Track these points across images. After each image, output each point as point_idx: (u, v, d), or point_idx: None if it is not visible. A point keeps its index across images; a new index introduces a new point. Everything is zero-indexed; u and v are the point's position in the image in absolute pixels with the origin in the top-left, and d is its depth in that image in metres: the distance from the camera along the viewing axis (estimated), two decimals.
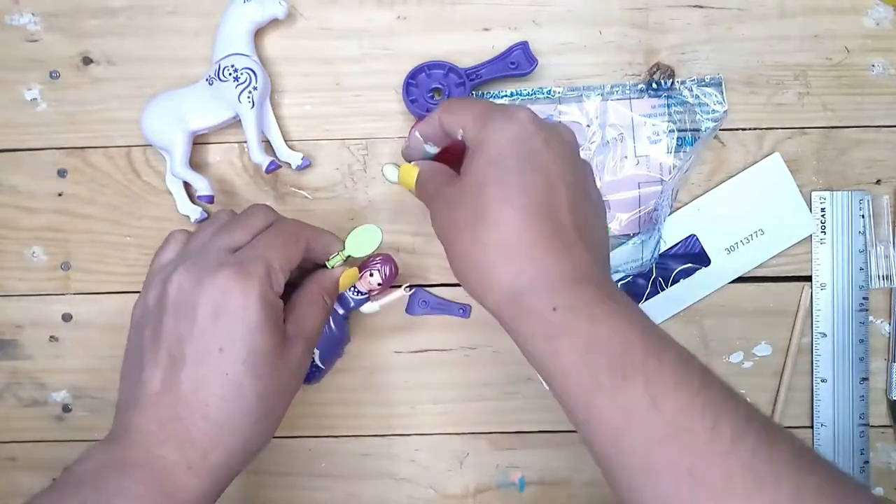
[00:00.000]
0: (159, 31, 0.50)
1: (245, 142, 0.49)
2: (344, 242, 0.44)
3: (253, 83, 0.47)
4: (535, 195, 0.35)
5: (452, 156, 0.42)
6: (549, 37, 0.50)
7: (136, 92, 0.50)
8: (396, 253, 0.50)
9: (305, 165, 0.49)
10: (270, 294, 0.38)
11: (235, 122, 0.48)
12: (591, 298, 0.33)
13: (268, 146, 0.49)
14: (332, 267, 0.44)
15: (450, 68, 0.48)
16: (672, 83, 0.49)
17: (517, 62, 0.48)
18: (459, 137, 0.39)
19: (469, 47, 0.49)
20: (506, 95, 0.49)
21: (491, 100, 0.49)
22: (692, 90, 0.49)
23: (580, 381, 0.32)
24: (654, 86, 0.49)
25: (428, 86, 0.48)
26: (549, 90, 0.49)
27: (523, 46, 0.48)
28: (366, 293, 0.47)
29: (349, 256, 0.44)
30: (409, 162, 0.42)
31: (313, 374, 0.49)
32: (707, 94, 0.49)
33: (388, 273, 0.46)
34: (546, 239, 0.34)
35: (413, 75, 0.48)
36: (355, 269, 0.45)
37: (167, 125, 0.47)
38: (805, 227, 0.50)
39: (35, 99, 0.50)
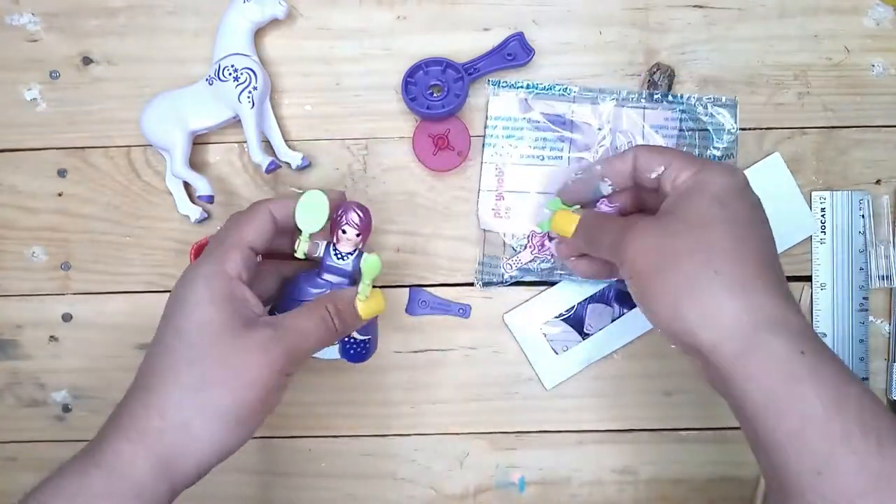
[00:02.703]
0: (159, 31, 0.50)
1: (245, 142, 0.49)
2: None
3: (253, 83, 0.47)
4: (762, 242, 0.35)
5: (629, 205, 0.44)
6: (549, 37, 0.50)
7: (136, 92, 0.50)
8: (397, 252, 0.50)
9: (305, 165, 0.49)
10: (219, 270, 0.37)
11: (235, 122, 0.48)
12: (832, 355, 0.33)
13: (268, 146, 0.49)
14: (302, 254, 0.41)
15: (447, 64, 0.48)
16: (671, 85, 0.49)
17: (514, 53, 0.48)
18: (653, 177, 0.39)
19: (469, 47, 0.49)
20: (521, 87, 0.49)
21: (502, 91, 0.49)
22: (707, 108, 0.49)
23: (825, 431, 0.31)
24: (654, 88, 0.49)
25: (426, 83, 0.48)
26: (566, 87, 0.49)
27: (519, 37, 0.48)
28: (353, 251, 0.42)
29: (310, 235, 0.41)
30: (564, 200, 0.44)
31: (357, 351, 0.43)
32: (720, 115, 0.49)
33: (358, 220, 0.41)
34: (778, 284, 0.34)
35: (411, 73, 0.48)
36: (379, 296, 0.40)
37: (167, 125, 0.47)
38: (805, 227, 0.50)
39: (35, 99, 0.50)
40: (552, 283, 0.50)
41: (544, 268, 0.50)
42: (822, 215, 0.50)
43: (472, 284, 0.50)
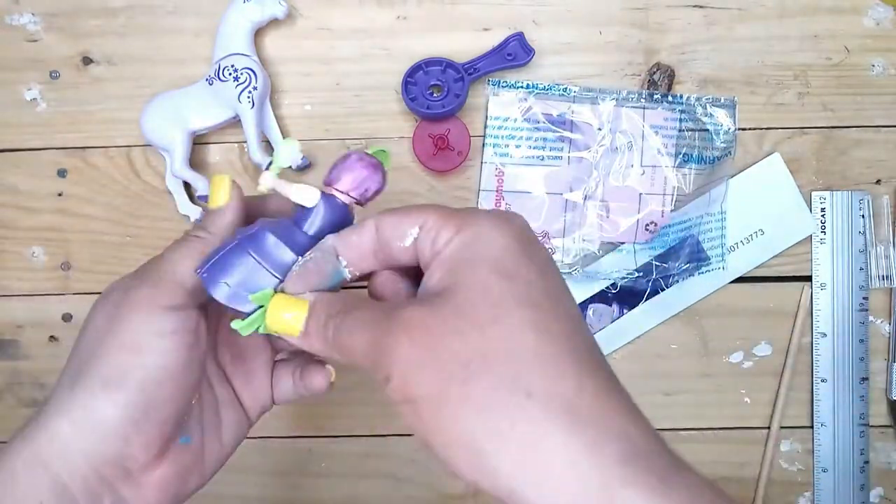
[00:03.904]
0: (159, 31, 0.50)
1: (245, 142, 0.49)
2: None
3: (253, 83, 0.47)
4: (569, 321, 0.25)
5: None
6: (549, 37, 0.50)
7: (136, 92, 0.50)
8: None
9: (305, 165, 0.49)
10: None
11: (235, 122, 0.48)
12: (703, 492, 0.22)
13: (268, 146, 0.49)
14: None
15: (447, 64, 0.48)
16: (671, 85, 0.49)
17: (514, 53, 0.48)
18: (407, 245, 0.27)
19: (469, 47, 0.49)
20: (521, 87, 0.49)
21: (502, 91, 0.49)
22: (706, 108, 0.49)
23: None
24: (654, 86, 0.49)
25: (426, 83, 0.48)
26: (566, 88, 0.49)
27: (519, 37, 0.48)
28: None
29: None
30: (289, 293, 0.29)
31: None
32: (720, 115, 0.49)
33: (376, 189, 0.31)
34: (611, 392, 0.24)
35: (411, 73, 0.48)
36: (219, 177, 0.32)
37: (167, 125, 0.47)
38: (805, 227, 0.50)
39: (35, 99, 0.50)
40: None
41: None
42: (822, 215, 0.50)
43: None
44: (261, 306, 0.28)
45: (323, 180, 0.31)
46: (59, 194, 0.51)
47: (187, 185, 0.49)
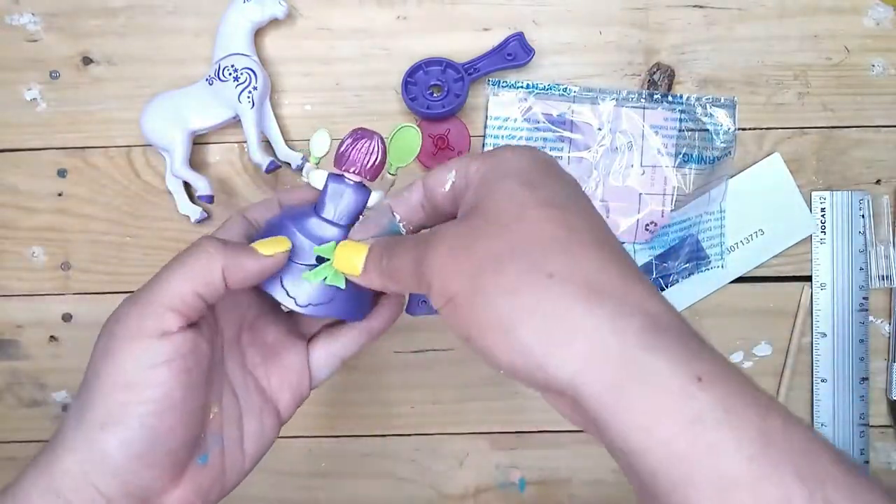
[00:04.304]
0: (159, 31, 0.50)
1: (245, 142, 0.49)
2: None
3: (253, 83, 0.47)
4: (594, 222, 0.27)
5: None
6: (549, 37, 0.50)
7: (136, 92, 0.50)
8: None
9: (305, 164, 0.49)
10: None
11: (235, 122, 0.48)
12: (733, 368, 0.23)
13: (268, 146, 0.49)
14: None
15: (447, 64, 0.48)
16: (671, 85, 0.49)
17: (514, 53, 0.48)
18: (447, 189, 0.31)
19: (469, 47, 0.49)
20: (521, 87, 0.49)
21: (502, 91, 0.49)
22: (706, 108, 0.49)
23: (760, 496, 0.21)
24: (654, 86, 0.49)
25: (427, 83, 0.48)
26: (566, 88, 0.49)
27: (519, 37, 0.48)
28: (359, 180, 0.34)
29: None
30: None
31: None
32: (720, 115, 0.49)
33: (370, 158, 0.34)
34: (639, 277, 0.25)
35: (411, 73, 0.48)
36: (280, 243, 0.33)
37: (167, 125, 0.47)
38: (805, 227, 0.50)
39: (35, 99, 0.50)
40: None
41: None
42: (822, 215, 0.50)
43: None
44: (320, 260, 0.32)
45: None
46: (59, 194, 0.51)
47: (187, 185, 0.49)
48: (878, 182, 0.50)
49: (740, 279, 0.51)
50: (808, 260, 0.50)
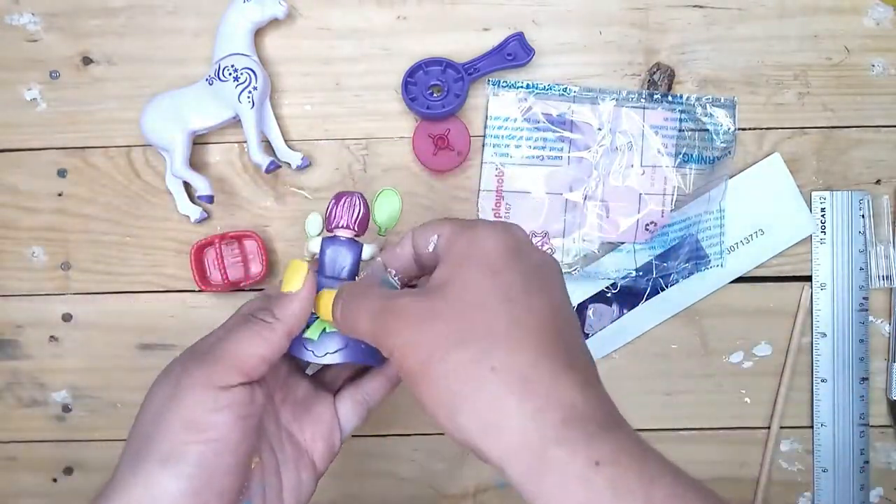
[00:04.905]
0: (159, 31, 0.50)
1: (245, 142, 0.49)
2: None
3: (253, 83, 0.47)
4: (544, 314, 0.29)
5: None
6: (549, 37, 0.50)
7: (136, 92, 0.50)
8: None
9: (305, 165, 0.49)
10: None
11: (235, 122, 0.48)
12: (630, 448, 0.27)
13: (268, 146, 0.49)
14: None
15: (447, 64, 0.48)
16: (671, 85, 0.49)
17: (514, 53, 0.48)
18: (430, 250, 0.33)
19: (469, 47, 0.49)
20: (521, 87, 0.49)
21: (502, 91, 0.49)
22: (706, 108, 0.49)
23: None
24: (654, 86, 0.49)
25: (426, 83, 0.48)
26: (566, 87, 0.49)
27: (519, 37, 0.48)
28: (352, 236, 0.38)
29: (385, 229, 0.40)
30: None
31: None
32: (720, 115, 0.49)
33: (353, 213, 0.38)
34: (567, 370, 0.28)
35: (411, 73, 0.48)
36: (295, 262, 0.35)
37: (167, 125, 0.47)
38: (805, 227, 0.50)
39: (35, 99, 0.50)
40: None
41: None
42: (822, 215, 0.50)
43: None
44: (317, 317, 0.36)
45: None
46: (59, 194, 0.51)
47: (187, 185, 0.49)
48: (878, 182, 0.50)
49: (740, 279, 0.51)
50: (808, 260, 0.50)
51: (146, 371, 0.38)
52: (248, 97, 0.47)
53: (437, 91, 0.48)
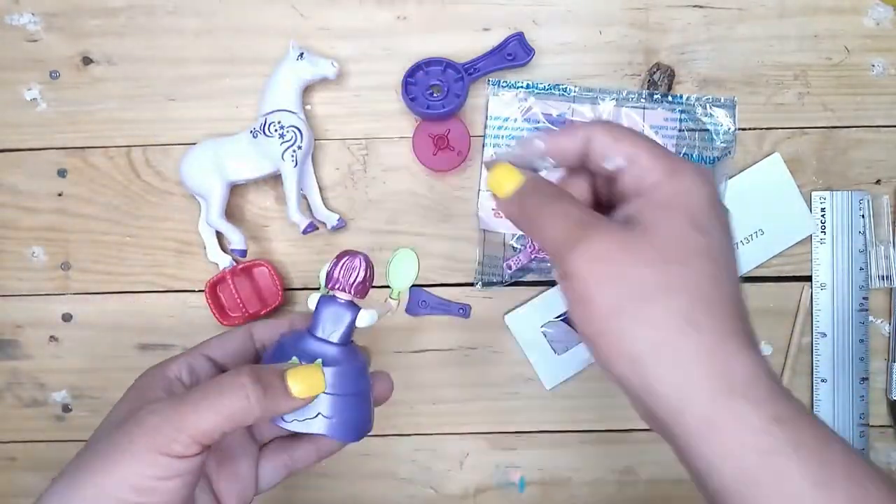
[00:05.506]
0: (159, 31, 0.50)
1: (283, 196, 0.48)
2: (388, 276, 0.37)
3: (298, 142, 0.46)
4: (734, 281, 0.30)
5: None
6: (549, 37, 0.50)
7: (136, 92, 0.50)
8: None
9: (341, 226, 0.49)
10: (154, 371, 0.35)
11: (275, 176, 0.48)
12: (806, 413, 0.28)
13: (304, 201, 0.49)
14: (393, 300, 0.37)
15: (447, 64, 0.48)
16: (671, 85, 0.49)
17: (514, 53, 0.48)
18: (609, 167, 0.31)
19: (469, 47, 0.49)
20: (521, 87, 0.49)
21: (502, 91, 0.49)
22: (706, 108, 0.49)
23: None
24: (653, 87, 0.49)
25: (426, 83, 0.48)
26: (566, 87, 0.49)
27: (519, 37, 0.48)
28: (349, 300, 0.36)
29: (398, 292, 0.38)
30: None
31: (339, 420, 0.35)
32: (719, 115, 0.49)
33: (351, 276, 0.35)
34: (751, 335, 0.29)
35: (411, 73, 0.48)
36: (315, 373, 0.33)
37: (206, 173, 0.47)
38: (805, 227, 0.50)
39: (35, 99, 0.50)
40: (553, 283, 0.50)
41: (545, 267, 0.50)
42: (822, 215, 0.50)
43: (472, 284, 0.50)
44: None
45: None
46: (59, 194, 0.51)
47: (219, 233, 0.49)
48: (878, 182, 0.50)
49: (740, 279, 0.50)
50: (808, 260, 0.50)
51: None
52: (293, 156, 0.46)
53: (437, 91, 0.48)
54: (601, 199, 0.34)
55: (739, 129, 0.50)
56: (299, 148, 0.47)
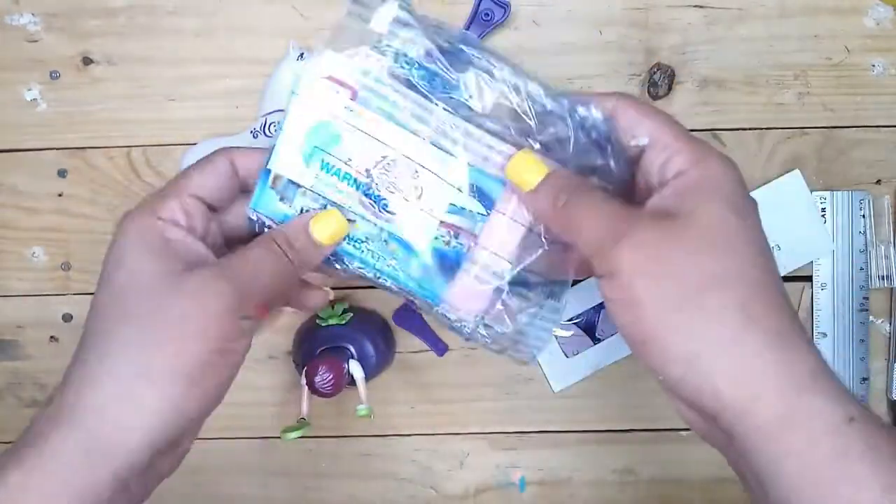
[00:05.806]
0: (159, 31, 0.50)
1: None
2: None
3: None
4: (775, 265, 0.29)
5: None
6: (549, 37, 0.49)
7: (136, 92, 0.50)
8: None
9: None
10: (149, 217, 0.32)
11: None
12: (867, 408, 0.27)
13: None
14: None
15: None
16: (671, 86, 0.49)
17: (489, 10, 0.48)
18: (632, 144, 0.30)
19: None
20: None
21: None
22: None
23: None
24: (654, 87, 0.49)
25: None
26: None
27: None
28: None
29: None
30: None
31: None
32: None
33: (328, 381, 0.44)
34: (800, 325, 0.28)
35: None
36: (334, 216, 0.33)
37: None
38: (822, 246, 0.49)
39: (35, 99, 0.50)
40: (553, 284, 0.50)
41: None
42: (823, 215, 0.50)
43: None
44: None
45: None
46: (59, 194, 0.51)
47: None
48: (878, 182, 0.50)
49: None
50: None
51: None
52: None
53: None
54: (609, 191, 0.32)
55: (740, 128, 0.50)
56: None
